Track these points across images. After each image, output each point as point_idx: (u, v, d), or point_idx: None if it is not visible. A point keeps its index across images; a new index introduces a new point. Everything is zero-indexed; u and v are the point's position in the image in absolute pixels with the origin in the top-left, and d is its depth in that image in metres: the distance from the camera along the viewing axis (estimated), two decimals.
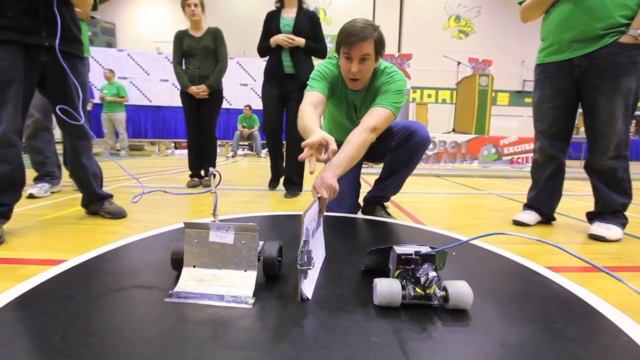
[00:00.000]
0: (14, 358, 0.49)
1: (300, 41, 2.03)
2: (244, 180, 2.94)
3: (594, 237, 1.28)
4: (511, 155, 4.83)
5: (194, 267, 0.70)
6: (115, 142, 5.84)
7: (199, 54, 2.39)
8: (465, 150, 4.72)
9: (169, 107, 6.46)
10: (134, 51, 6.58)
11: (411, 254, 0.65)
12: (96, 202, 1.47)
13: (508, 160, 4.83)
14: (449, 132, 5.21)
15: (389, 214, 1.51)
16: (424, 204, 1.99)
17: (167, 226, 1.22)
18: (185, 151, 2.53)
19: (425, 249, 0.66)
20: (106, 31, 8.96)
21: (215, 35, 2.42)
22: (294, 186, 2.19)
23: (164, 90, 6.45)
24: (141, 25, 10.13)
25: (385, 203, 1.55)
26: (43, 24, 1.18)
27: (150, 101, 6.41)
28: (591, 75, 1.31)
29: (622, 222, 1.31)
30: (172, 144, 6.85)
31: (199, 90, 2.35)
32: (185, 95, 2.41)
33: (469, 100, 5.20)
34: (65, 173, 2.10)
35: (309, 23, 2.08)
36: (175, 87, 6.47)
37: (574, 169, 3.93)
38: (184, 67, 2.44)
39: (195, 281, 0.69)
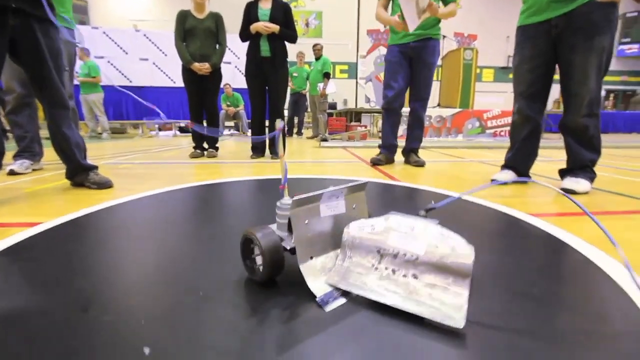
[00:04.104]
0: (17, 298, 0.51)
1: (276, 28, 2.35)
2: (230, 155, 2.93)
3: (565, 191, 1.36)
4: (494, 129, 4.93)
5: (312, 258, 0.54)
6: (96, 124, 5.67)
7: (200, 34, 2.55)
8: (450, 125, 4.79)
9: (150, 87, 6.26)
10: (110, 29, 6.28)
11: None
12: (81, 173, 1.46)
13: (491, 134, 4.94)
14: (434, 107, 5.25)
15: (418, 157, 2.22)
16: (410, 169, 2.05)
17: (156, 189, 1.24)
18: (170, 132, 2.60)
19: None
20: (78, 9, 8.49)
21: (217, 19, 2.62)
22: (277, 149, 2.53)
23: (144, 70, 6.23)
24: (115, 2, 9.62)
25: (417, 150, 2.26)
26: None
27: (131, 81, 6.19)
28: (567, 34, 1.34)
29: (591, 177, 1.40)
30: (156, 125, 6.69)
31: (202, 67, 2.51)
32: (187, 71, 2.57)
33: (454, 75, 5.22)
34: (46, 151, 2.06)
35: (282, 13, 2.40)
36: (156, 66, 6.26)
37: (554, 140, 4.06)
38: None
39: (325, 272, 0.54)
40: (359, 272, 0.52)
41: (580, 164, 1.41)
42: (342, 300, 0.49)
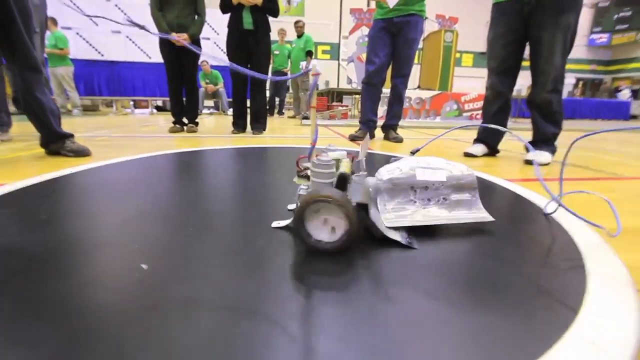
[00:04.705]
0: (9, 235, 0.53)
1: (258, 0, 2.31)
2: (211, 131, 2.90)
3: (529, 162, 1.47)
4: (471, 112, 5.08)
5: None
6: (66, 100, 5.38)
7: (177, 3, 2.45)
8: (429, 107, 4.90)
9: (124, 63, 5.96)
10: None
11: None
12: (56, 141, 1.42)
13: (468, 116, 5.09)
14: (414, 89, 5.33)
15: (397, 134, 2.30)
16: (388, 144, 2.12)
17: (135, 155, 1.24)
18: (146, 110, 2.54)
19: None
20: None
21: None
22: (259, 124, 2.57)
23: (116, 44, 5.91)
24: None
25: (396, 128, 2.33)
26: None
27: (102, 55, 5.87)
28: (537, 11, 1.42)
29: (552, 149, 1.51)
30: (131, 103, 6.42)
31: (180, 38, 2.40)
32: (164, 43, 2.47)
33: (434, 57, 5.29)
34: (16, 124, 1.97)
35: None
36: (130, 39, 5.96)
37: (525, 123, 4.26)
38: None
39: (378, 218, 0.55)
40: (406, 208, 0.58)
41: (544, 137, 1.52)
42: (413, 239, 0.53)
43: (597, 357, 0.29)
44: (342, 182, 0.51)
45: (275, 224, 0.58)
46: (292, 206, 0.68)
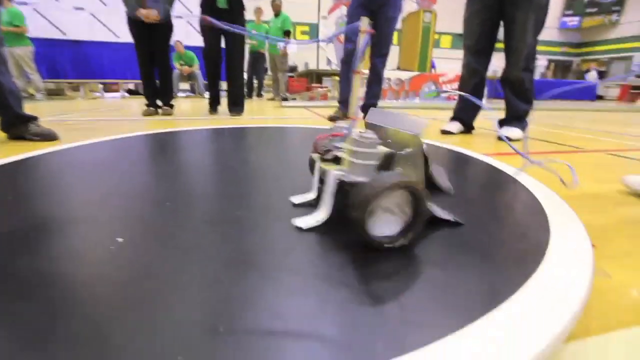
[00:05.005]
0: None
1: None
2: (187, 113, 2.81)
3: (501, 138, 1.53)
4: (449, 92, 5.16)
5: None
6: (27, 84, 5.02)
7: None
8: (408, 87, 4.93)
9: (91, 42, 5.58)
10: None
11: None
12: (19, 125, 1.34)
13: (446, 97, 5.17)
14: (394, 70, 5.33)
15: None
16: None
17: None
18: (117, 94, 2.42)
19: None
20: None
21: None
22: (237, 107, 2.52)
23: (79, 21, 5.51)
24: None
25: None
26: None
27: (65, 34, 5.48)
28: None
29: (523, 126, 1.58)
30: (100, 86, 6.07)
31: (149, 14, 2.25)
32: (133, 21, 2.31)
33: (413, 38, 5.29)
34: None
35: None
36: (94, 17, 5.58)
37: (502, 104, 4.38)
38: None
39: None
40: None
41: (516, 114, 1.58)
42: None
43: (554, 298, 0.32)
44: (389, 162, 0.45)
45: (302, 224, 0.45)
46: (297, 199, 0.56)
